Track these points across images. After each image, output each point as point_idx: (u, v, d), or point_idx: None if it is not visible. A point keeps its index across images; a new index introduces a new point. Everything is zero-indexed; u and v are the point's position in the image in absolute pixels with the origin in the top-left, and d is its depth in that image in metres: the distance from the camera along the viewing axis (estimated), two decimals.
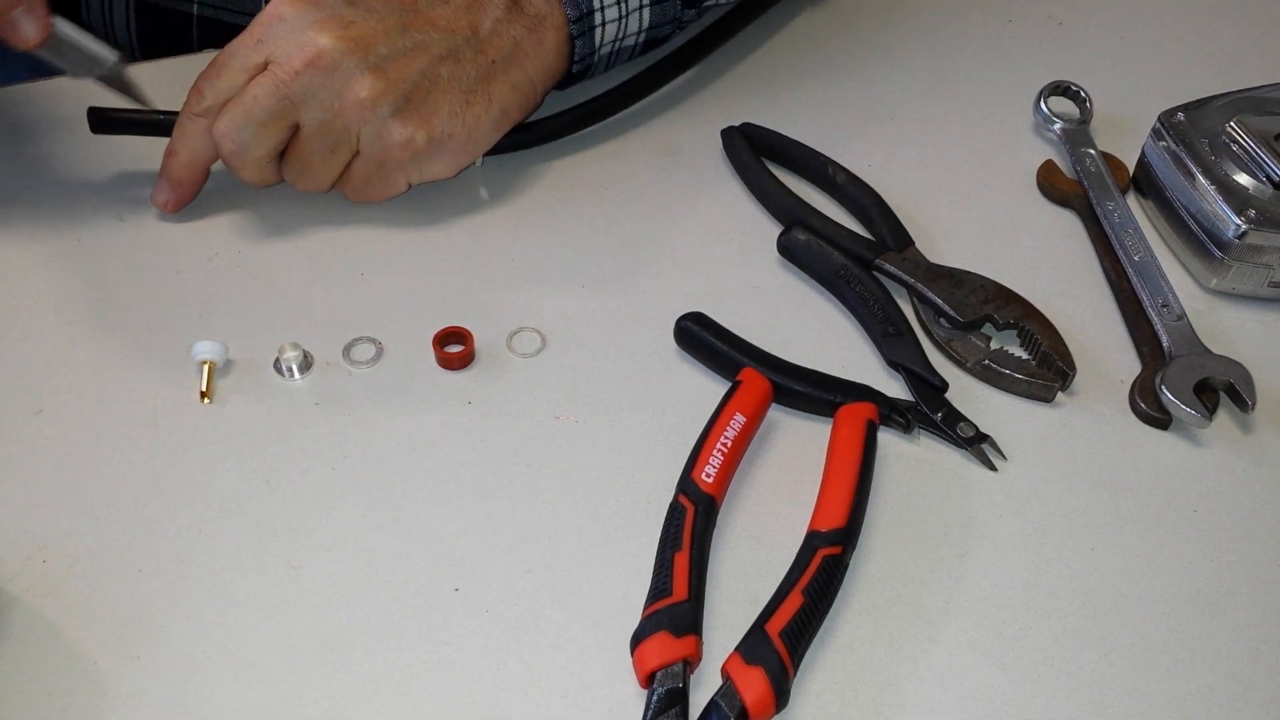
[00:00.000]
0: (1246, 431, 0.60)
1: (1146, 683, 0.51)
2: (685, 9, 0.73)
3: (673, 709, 0.48)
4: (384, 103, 0.62)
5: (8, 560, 0.53)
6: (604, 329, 0.64)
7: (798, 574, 0.51)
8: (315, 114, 0.62)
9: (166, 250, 0.67)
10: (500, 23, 0.65)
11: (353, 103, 0.62)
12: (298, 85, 0.61)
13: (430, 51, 0.63)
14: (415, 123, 0.63)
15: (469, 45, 0.64)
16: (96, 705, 0.49)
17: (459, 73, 0.64)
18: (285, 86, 0.61)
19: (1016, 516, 0.56)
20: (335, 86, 0.62)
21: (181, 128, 0.65)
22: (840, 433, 0.56)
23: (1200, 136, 0.67)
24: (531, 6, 0.67)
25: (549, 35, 0.67)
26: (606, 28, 0.69)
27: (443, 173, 0.66)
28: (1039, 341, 0.61)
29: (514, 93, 0.66)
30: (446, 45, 0.64)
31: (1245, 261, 0.64)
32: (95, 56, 0.65)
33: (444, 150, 0.65)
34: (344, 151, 0.64)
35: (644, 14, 0.70)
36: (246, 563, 0.54)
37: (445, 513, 0.56)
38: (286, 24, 0.62)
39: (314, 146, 0.63)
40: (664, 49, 0.76)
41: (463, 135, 0.65)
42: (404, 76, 0.62)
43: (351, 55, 0.61)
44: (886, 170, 0.73)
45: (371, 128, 0.63)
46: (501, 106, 0.66)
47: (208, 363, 0.60)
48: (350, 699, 0.49)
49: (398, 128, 0.63)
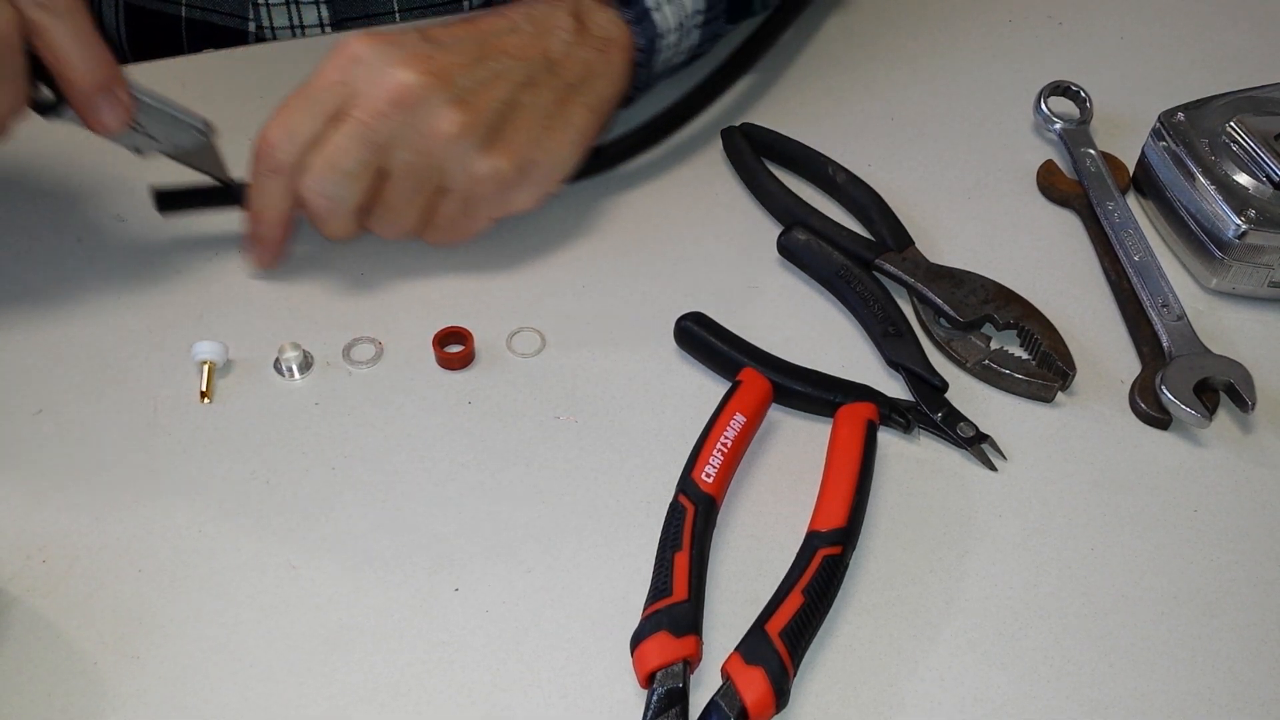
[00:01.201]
0: (1246, 431, 0.60)
1: (1146, 683, 0.51)
2: (726, 24, 0.74)
3: (673, 709, 0.48)
4: (470, 135, 0.60)
5: (8, 560, 0.53)
6: (604, 329, 0.64)
7: (798, 574, 0.51)
8: (403, 155, 0.60)
9: (166, 250, 0.67)
10: (570, 45, 0.64)
11: (439, 139, 0.60)
12: (384, 127, 0.59)
13: (509, 79, 0.62)
14: (501, 153, 0.61)
15: (544, 70, 0.63)
16: (96, 705, 0.49)
17: (538, 99, 0.63)
18: (372, 131, 0.59)
19: (1016, 516, 0.56)
20: (420, 124, 0.59)
21: (261, 187, 0.62)
22: (840, 433, 0.56)
23: (1200, 136, 0.67)
24: (598, 28, 0.66)
25: (616, 56, 0.66)
26: (667, 51, 0.69)
27: (527, 203, 0.65)
28: (1039, 341, 0.61)
29: (590, 115, 0.65)
30: (523, 72, 0.62)
31: (1245, 261, 0.64)
32: (185, 125, 0.62)
33: (529, 179, 0.63)
34: (430, 191, 0.62)
35: (695, 33, 0.71)
36: (246, 563, 0.54)
37: (445, 513, 0.56)
38: (365, 64, 0.59)
39: (401, 189, 0.61)
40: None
41: (546, 163, 0.64)
42: (487, 107, 0.61)
43: (435, 90, 0.59)
44: (886, 170, 0.73)
45: (459, 162, 0.61)
46: (580, 130, 0.65)
47: (208, 363, 0.60)
48: (350, 699, 0.49)
49: (485, 160, 0.61)
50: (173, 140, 0.63)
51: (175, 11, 0.84)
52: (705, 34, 0.72)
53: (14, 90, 0.56)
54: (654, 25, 0.67)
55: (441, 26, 0.63)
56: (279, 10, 0.83)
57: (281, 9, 0.83)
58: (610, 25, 0.66)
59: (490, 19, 0.64)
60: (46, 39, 0.55)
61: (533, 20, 0.64)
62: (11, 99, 0.56)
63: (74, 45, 0.56)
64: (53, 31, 0.55)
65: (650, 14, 0.67)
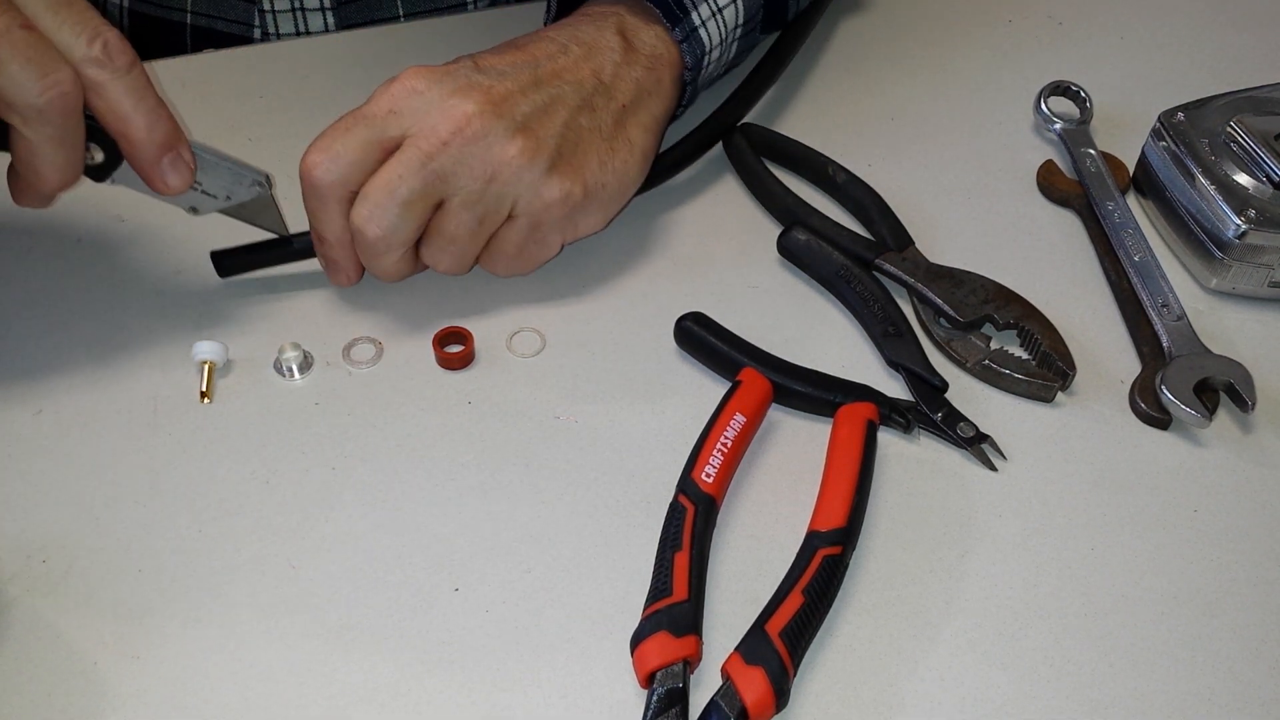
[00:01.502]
0: (1246, 431, 0.60)
1: (1146, 683, 0.51)
2: (761, 34, 0.74)
3: (673, 709, 0.48)
4: (539, 161, 0.59)
5: (8, 560, 0.53)
6: (604, 329, 0.64)
7: (798, 574, 0.51)
8: (465, 185, 0.58)
9: (166, 250, 0.67)
10: (620, 66, 0.64)
11: (506, 167, 0.59)
12: (446, 157, 0.57)
13: (567, 104, 0.61)
14: (570, 177, 0.61)
15: (599, 93, 0.63)
16: (96, 705, 0.49)
17: (597, 121, 0.62)
18: (432, 160, 0.57)
19: (1016, 516, 0.56)
20: (484, 153, 0.58)
21: (312, 211, 0.60)
22: (840, 433, 0.56)
23: (1200, 136, 0.67)
24: (645, 46, 0.65)
25: (665, 74, 0.66)
26: (711, 66, 0.69)
27: (596, 226, 0.64)
28: (1039, 341, 0.61)
29: (647, 134, 0.65)
30: (579, 96, 0.62)
31: (1245, 261, 0.64)
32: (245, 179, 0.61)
33: (598, 201, 0.63)
34: (493, 222, 0.60)
35: (734, 46, 0.71)
36: (246, 563, 0.54)
37: (445, 513, 0.56)
38: (424, 96, 0.58)
39: (462, 220, 0.59)
40: None
41: (614, 183, 0.63)
42: (550, 133, 0.60)
43: (498, 119, 0.58)
44: (886, 170, 0.73)
45: (529, 189, 0.60)
46: (642, 149, 0.65)
47: (208, 363, 0.60)
48: (350, 699, 0.49)
49: (554, 184, 0.60)
50: (231, 196, 0.61)
51: (180, 19, 0.84)
52: (743, 45, 0.72)
53: (75, 156, 0.54)
54: (701, 43, 0.67)
55: (493, 54, 0.62)
56: (284, 17, 0.83)
57: (287, 16, 0.83)
58: (657, 42, 0.66)
59: (539, 43, 0.63)
60: (108, 99, 0.53)
61: (580, 41, 0.64)
62: (72, 165, 0.55)
63: (137, 104, 0.54)
64: (114, 90, 0.53)
65: (697, 31, 0.67)
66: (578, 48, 0.63)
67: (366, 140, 0.58)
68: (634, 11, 0.66)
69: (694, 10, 0.67)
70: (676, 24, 0.66)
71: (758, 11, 0.71)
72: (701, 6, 0.67)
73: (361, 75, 0.75)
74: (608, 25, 0.65)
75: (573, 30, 0.64)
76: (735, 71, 0.75)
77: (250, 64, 0.80)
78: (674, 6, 0.66)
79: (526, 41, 0.64)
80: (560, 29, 0.65)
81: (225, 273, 0.65)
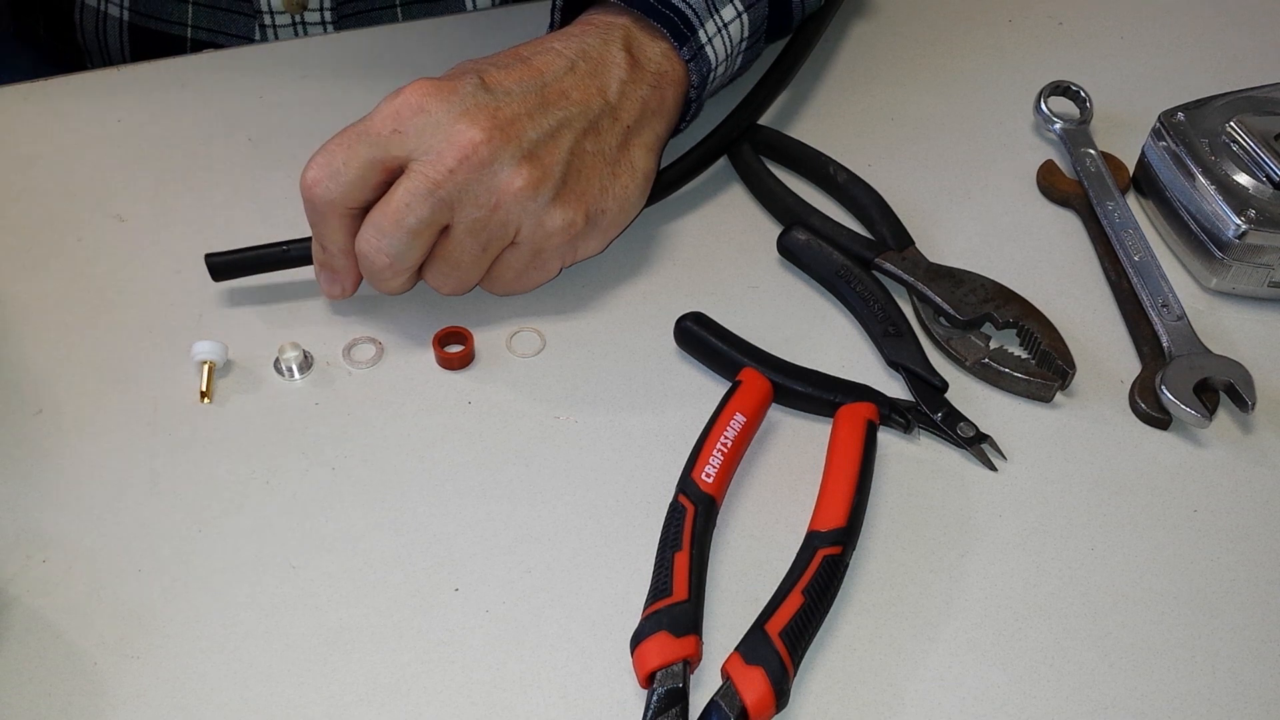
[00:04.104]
0: (1246, 431, 0.60)
1: (1146, 683, 0.51)
2: (765, 43, 0.73)
3: (673, 709, 0.48)
4: (544, 191, 0.59)
5: (8, 560, 0.53)
6: (604, 329, 0.64)
7: (798, 574, 0.51)
8: (470, 212, 0.58)
9: (166, 250, 0.67)
10: (626, 84, 0.63)
11: (511, 195, 0.58)
12: (452, 185, 0.57)
13: (573, 128, 0.60)
14: (573, 205, 0.60)
15: (605, 114, 0.62)
16: (96, 705, 0.49)
17: (601, 145, 0.62)
18: (439, 189, 0.57)
19: (1016, 516, 0.56)
20: (490, 181, 0.58)
21: (314, 226, 0.60)
22: (840, 433, 0.56)
23: (1200, 136, 0.67)
24: (651, 63, 0.65)
25: (670, 92, 0.65)
26: (715, 82, 0.69)
27: (596, 249, 0.64)
28: (1039, 340, 0.61)
29: (649, 154, 0.65)
30: (585, 118, 0.61)
31: (1245, 261, 0.64)
32: None
33: (599, 227, 0.63)
34: (496, 247, 0.60)
35: (739, 59, 0.70)
36: (246, 563, 0.54)
37: (445, 513, 0.56)
38: (430, 117, 0.57)
39: (466, 245, 0.59)
40: None
41: (615, 209, 0.63)
42: (555, 160, 0.59)
43: (505, 146, 0.58)
44: (886, 170, 0.73)
45: (532, 217, 0.59)
46: (644, 171, 0.64)
47: (208, 363, 0.60)
48: (350, 699, 0.49)
49: (558, 213, 0.60)
50: None
51: (180, 33, 0.84)
52: (747, 58, 0.71)
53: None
54: (708, 60, 0.66)
55: (498, 68, 0.61)
56: (285, 31, 0.83)
57: (288, 30, 0.83)
58: (663, 60, 0.65)
59: (545, 58, 0.62)
60: None
61: (587, 57, 0.63)
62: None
63: None
64: None
65: (704, 49, 0.66)
66: (584, 64, 0.62)
67: (369, 160, 0.57)
68: (640, 24, 0.65)
69: (701, 28, 0.66)
70: (684, 43, 0.65)
71: (763, 23, 0.71)
72: (708, 23, 0.66)
73: (361, 75, 0.75)
74: (614, 39, 0.64)
75: (580, 43, 0.63)
76: (740, 81, 0.75)
77: (250, 64, 0.80)
78: (680, 24, 0.65)
79: (532, 54, 0.62)
80: (566, 40, 0.63)
81: (219, 277, 0.64)
